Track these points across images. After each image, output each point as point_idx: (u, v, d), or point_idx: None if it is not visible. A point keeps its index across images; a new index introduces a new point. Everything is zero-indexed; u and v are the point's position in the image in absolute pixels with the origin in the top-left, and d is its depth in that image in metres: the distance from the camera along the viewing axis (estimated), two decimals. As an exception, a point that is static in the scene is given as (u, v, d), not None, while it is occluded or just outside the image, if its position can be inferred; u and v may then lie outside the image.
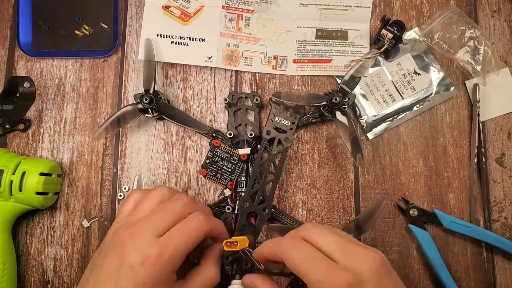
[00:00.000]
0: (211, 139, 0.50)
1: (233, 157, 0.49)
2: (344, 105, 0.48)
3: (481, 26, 0.55)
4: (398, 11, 0.55)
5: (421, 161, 0.52)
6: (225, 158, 0.49)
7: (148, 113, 0.49)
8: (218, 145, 0.49)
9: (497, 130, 0.53)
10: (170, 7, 0.54)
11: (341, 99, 0.48)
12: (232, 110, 0.52)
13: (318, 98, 0.50)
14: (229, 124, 0.52)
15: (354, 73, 0.49)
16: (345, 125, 0.48)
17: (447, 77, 0.53)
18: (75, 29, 0.54)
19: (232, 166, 0.49)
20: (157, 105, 0.48)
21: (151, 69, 0.49)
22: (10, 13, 0.55)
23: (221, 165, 0.49)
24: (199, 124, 0.51)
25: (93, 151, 0.52)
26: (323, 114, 0.50)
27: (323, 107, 0.49)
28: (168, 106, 0.51)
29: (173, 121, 0.50)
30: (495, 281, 0.50)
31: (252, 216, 0.47)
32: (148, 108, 0.48)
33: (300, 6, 0.55)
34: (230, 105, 0.51)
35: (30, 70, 0.54)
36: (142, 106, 0.48)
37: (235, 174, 0.49)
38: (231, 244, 0.40)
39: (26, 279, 0.49)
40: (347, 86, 0.49)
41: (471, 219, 0.51)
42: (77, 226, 0.50)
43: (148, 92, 0.49)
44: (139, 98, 0.48)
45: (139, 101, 0.48)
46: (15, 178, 0.46)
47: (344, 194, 0.51)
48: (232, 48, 0.54)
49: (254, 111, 0.52)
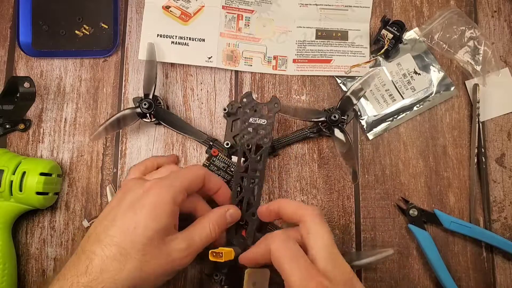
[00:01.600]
0: (207, 147, 0.50)
1: (230, 168, 0.49)
2: (343, 122, 0.48)
3: (481, 26, 0.55)
4: (398, 11, 0.55)
5: (421, 161, 0.52)
6: (221, 168, 0.49)
7: (147, 117, 0.49)
8: (216, 155, 0.48)
9: (497, 130, 0.53)
10: (170, 7, 0.54)
11: (340, 116, 0.47)
12: (231, 119, 0.51)
13: (316, 113, 0.49)
14: (227, 134, 0.51)
15: (357, 87, 0.48)
16: (342, 142, 0.48)
17: (447, 77, 0.53)
18: (75, 29, 0.54)
19: (228, 177, 0.48)
20: (155, 110, 0.48)
21: (152, 74, 0.49)
22: (10, 13, 0.55)
23: (216, 174, 0.48)
24: (196, 132, 0.50)
25: (93, 151, 0.52)
26: (321, 129, 0.49)
27: (321, 122, 0.49)
28: (167, 112, 0.51)
29: (171, 127, 0.49)
30: (495, 281, 0.50)
31: (244, 228, 0.46)
32: (146, 113, 0.48)
33: (300, 6, 0.55)
34: (229, 114, 0.51)
35: (30, 70, 0.54)
36: (140, 111, 0.48)
37: (229, 185, 0.48)
38: (216, 254, 0.39)
39: (26, 279, 0.49)
40: (348, 102, 0.48)
41: (471, 219, 0.51)
42: (77, 226, 0.50)
43: (147, 96, 0.48)
44: (138, 102, 0.48)
45: (138, 105, 0.48)
46: (15, 178, 0.46)
47: (344, 194, 0.51)
48: (232, 48, 0.54)
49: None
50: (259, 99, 0.53)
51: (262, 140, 0.47)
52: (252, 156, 0.47)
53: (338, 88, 0.54)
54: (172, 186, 0.38)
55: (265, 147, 0.47)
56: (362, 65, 0.53)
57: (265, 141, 0.47)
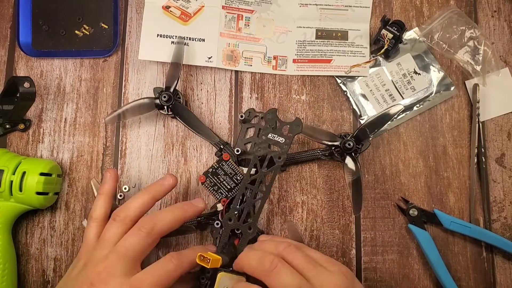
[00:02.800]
0: (218, 150, 0.50)
1: (236, 176, 0.48)
2: (356, 151, 0.48)
3: (481, 26, 0.55)
4: (398, 11, 0.55)
5: (421, 161, 0.52)
6: (228, 174, 0.48)
7: (164, 110, 0.49)
8: (227, 159, 0.47)
9: (497, 130, 0.53)
10: (170, 7, 0.54)
11: (355, 144, 0.47)
12: (246, 126, 0.51)
13: (332, 137, 0.49)
14: (239, 140, 0.51)
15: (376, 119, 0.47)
16: (352, 171, 0.48)
17: (447, 77, 0.53)
18: (75, 29, 0.54)
19: (232, 184, 0.48)
20: (174, 105, 0.48)
21: (177, 70, 0.49)
22: (10, 13, 0.55)
23: (222, 179, 0.48)
24: (210, 133, 0.50)
25: (93, 151, 0.52)
26: (333, 154, 0.49)
27: (335, 147, 0.48)
28: (184, 108, 0.50)
29: (185, 124, 0.49)
30: (495, 281, 0.50)
31: (238, 237, 0.45)
32: (164, 106, 0.48)
33: (300, 6, 0.55)
34: (245, 121, 0.51)
35: (30, 70, 0.54)
36: (159, 102, 0.48)
37: (232, 193, 0.47)
38: (204, 259, 0.39)
39: (26, 279, 0.49)
40: (365, 133, 0.47)
41: (471, 219, 0.51)
42: (77, 226, 0.50)
43: (168, 89, 0.49)
44: (158, 93, 0.48)
45: (157, 96, 0.48)
46: (15, 178, 0.46)
47: (344, 194, 0.51)
48: (232, 48, 0.54)
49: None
50: (259, 99, 0.53)
51: (276, 158, 0.45)
52: (263, 170, 0.46)
53: (338, 88, 0.54)
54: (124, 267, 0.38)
55: (277, 165, 0.45)
56: (362, 65, 0.53)
57: (278, 160, 0.45)
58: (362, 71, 0.53)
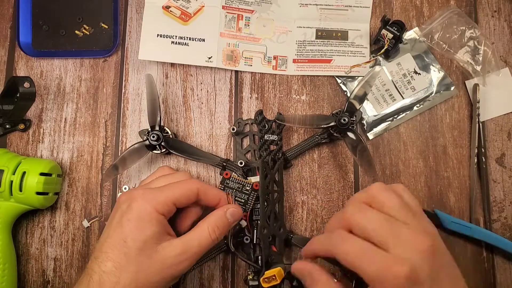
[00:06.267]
0: (221, 169, 0.50)
1: (245, 188, 0.47)
2: (353, 124, 0.48)
3: (481, 26, 0.55)
4: (398, 11, 0.55)
5: (421, 161, 0.52)
6: (236, 189, 0.47)
7: (156, 149, 0.48)
8: (228, 177, 0.47)
9: (497, 130, 0.53)
10: (170, 7, 0.54)
11: (349, 118, 0.47)
12: (239, 137, 0.51)
13: (325, 119, 0.49)
14: (238, 152, 0.51)
15: (360, 90, 0.48)
16: (354, 140, 0.48)
17: (447, 77, 0.53)
18: (75, 29, 0.54)
19: (245, 196, 0.47)
20: (165, 141, 0.47)
21: (155, 106, 0.48)
22: (10, 13, 0.55)
23: (233, 195, 0.47)
24: (209, 155, 0.50)
25: (93, 151, 0.52)
26: (332, 134, 0.49)
27: (331, 127, 0.49)
28: (177, 141, 0.50)
29: (182, 155, 0.49)
30: (495, 281, 0.50)
31: (272, 243, 0.46)
32: (155, 145, 0.47)
33: (300, 6, 0.55)
34: (237, 133, 0.50)
35: (30, 70, 0.54)
36: (149, 143, 0.47)
37: (248, 204, 0.46)
38: (269, 279, 0.40)
39: (26, 279, 0.49)
40: (355, 103, 0.48)
41: (471, 219, 0.51)
42: (77, 226, 0.50)
43: (154, 128, 0.48)
44: (145, 135, 0.48)
45: (146, 138, 0.47)
46: (15, 178, 0.46)
47: (344, 194, 0.51)
48: (232, 48, 0.54)
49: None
50: (259, 99, 0.53)
51: (276, 155, 0.49)
52: (272, 172, 0.48)
53: (338, 88, 0.54)
54: (154, 199, 0.39)
55: (280, 161, 0.49)
56: (362, 65, 0.53)
57: (278, 156, 0.49)
58: (362, 71, 0.53)
